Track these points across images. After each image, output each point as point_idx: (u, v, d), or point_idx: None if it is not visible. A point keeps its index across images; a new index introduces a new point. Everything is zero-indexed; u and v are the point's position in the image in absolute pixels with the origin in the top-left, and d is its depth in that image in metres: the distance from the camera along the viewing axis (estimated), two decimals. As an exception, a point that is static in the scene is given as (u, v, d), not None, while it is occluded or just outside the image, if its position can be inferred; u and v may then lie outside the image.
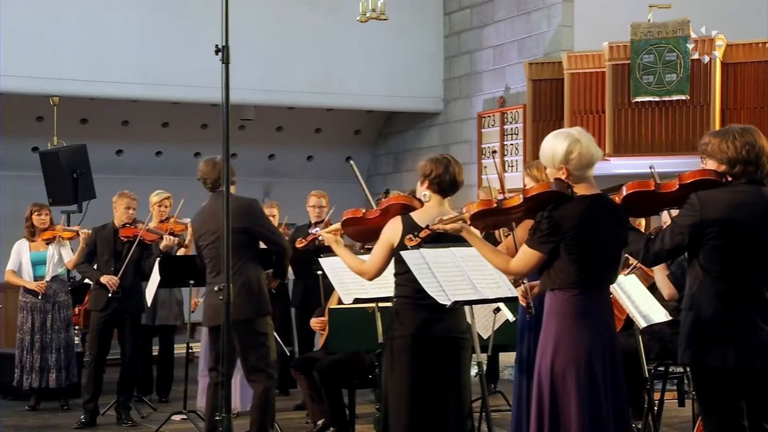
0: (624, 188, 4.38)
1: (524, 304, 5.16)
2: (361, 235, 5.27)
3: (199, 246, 6.36)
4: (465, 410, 4.84)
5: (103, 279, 7.81)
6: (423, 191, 4.91)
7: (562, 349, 4.09)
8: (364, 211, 5.12)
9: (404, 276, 4.72)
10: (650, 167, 4.57)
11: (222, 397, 4.69)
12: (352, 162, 5.78)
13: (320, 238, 5.23)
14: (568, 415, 4.07)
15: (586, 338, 4.08)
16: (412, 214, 4.85)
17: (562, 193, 4.12)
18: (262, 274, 6.27)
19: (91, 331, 7.96)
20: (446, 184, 4.88)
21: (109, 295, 7.78)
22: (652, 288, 6.17)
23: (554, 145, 4.18)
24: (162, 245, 7.86)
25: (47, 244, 8.59)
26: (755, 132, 4.26)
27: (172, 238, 7.86)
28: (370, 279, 4.94)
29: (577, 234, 4.07)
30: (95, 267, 8.01)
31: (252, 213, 6.21)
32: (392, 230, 4.79)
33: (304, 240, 5.46)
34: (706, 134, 4.36)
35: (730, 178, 4.23)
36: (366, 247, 5.98)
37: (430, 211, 4.81)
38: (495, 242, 6.83)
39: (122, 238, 7.93)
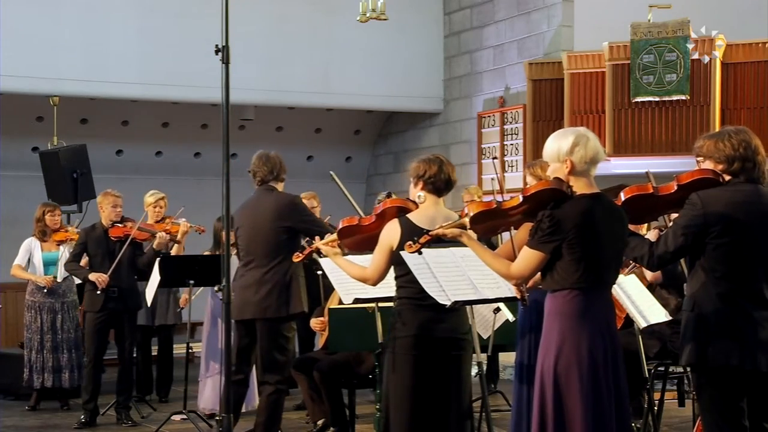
0: (622, 194, 4.35)
1: (519, 296, 5.14)
2: (358, 245, 5.14)
3: (236, 237, 6.29)
4: (465, 411, 4.84)
5: (92, 276, 7.73)
6: (417, 192, 4.88)
7: (565, 349, 4.07)
8: (359, 218, 5.06)
9: (405, 278, 4.71)
10: (646, 172, 4.56)
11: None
12: (332, 173, 5.84)
13: (316, 250, 5.14)
14: (571, 416, 4.05)
15: (588, 338, 4.07)
16: (409, 215, 4.81)
17: (561, 190, 4.10)
18: (299, 274, 6.16)
19: (88, 331, 7.92)
20: (441, 183, 4.85)
21: (98, 292, 7.68)
22: (652, 287, 6.18)
23: (560, 140, 4.17)
24: (155, 244, 7.81)
25: (58, 245, 8.59)
26: (749, 131, 4.29)
27: (164, 235, 7.82)
28: (374, 284, 4.89)
29: (579, 233, 4.05)
30: (88, 268, 7.95)
31: (296, 210, 6.19)
32: (391, 232, 4.77)
33: (300, 254, 5.24)
34: (699, 138, 4.36)
35: (727, 177, 4.23)
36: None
37: (427, 211, 4.79)
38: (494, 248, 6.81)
39: (112, 238, 7.89)
